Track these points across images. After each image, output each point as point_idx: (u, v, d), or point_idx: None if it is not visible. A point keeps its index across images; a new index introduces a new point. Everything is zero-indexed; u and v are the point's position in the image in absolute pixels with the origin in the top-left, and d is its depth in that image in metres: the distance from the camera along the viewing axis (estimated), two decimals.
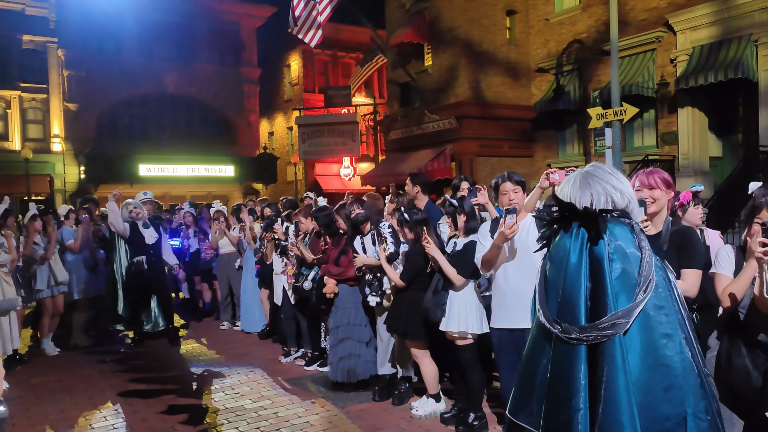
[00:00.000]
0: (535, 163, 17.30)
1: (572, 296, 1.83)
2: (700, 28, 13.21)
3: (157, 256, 7.88)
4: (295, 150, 26.02)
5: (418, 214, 4.84)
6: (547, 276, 1.97)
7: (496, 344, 4.18)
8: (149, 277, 7.71)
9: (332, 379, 5.53)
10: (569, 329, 1.80)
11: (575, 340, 1.78)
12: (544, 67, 16.94)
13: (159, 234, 7.95)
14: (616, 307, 1.77)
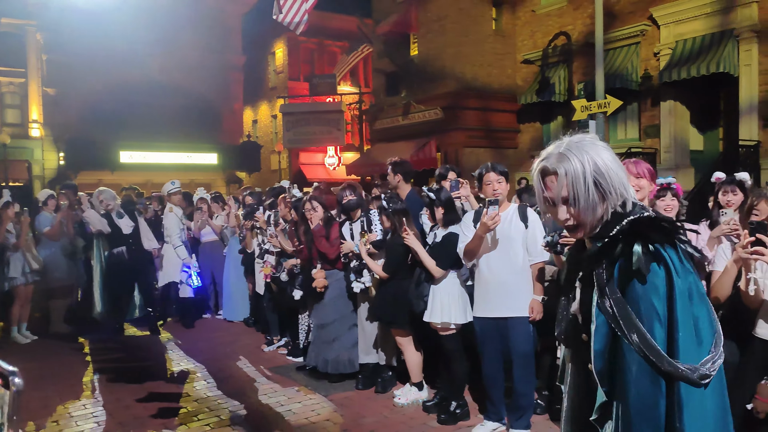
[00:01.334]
0: (520, 155, 17.37)
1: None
2: (683, 22, 13.30)
3: (136, 244, 7.81)
4: (280, 138, 25.88)
5: (398, 203, 4.83)
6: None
7: (478, 333, 4.22)
8: (131, 266, 7.68)
9: (323, 369, 5.50)
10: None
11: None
12: (530, 58, 16.98)
13: (135, 222, 7.86)
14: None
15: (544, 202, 1.62)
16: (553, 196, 1.58)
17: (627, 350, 1.46)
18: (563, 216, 1.58)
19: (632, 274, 1.47)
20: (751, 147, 12.18)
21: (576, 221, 1.58)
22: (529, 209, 4.18)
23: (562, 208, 1.58)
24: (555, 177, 1.57)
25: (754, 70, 12.31)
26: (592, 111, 11.52)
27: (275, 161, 28.23)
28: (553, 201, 1.59)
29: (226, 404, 5.06)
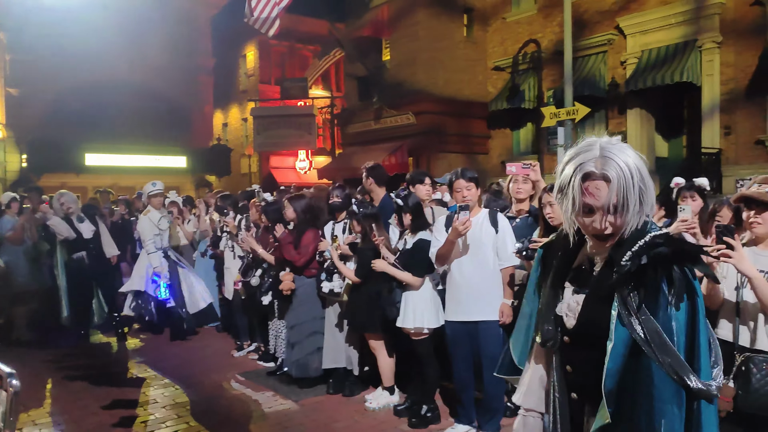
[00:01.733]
0: (491, 160, 17.55)
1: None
2: (648, 32, 13.63)
3: (97, 249, 7.67)
4: (250, 142, 25.67)
5: (368, 208, 4.84)
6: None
7: (450, 336, 4.26)
8: (91, 272, 7.54)
9: (296, 375, 5.45)
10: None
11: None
12: (501, 65, 17.19)
13: (96, 226, 7.71)
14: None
15: (583, 208, 1.50)
16: (596, 203, 1.48)
17: (656, 371, 1.45)
18: (602, 225, 1.50)
19: (665, 298, 1.46)
20: (713, 154, 12.52)
21: (614, 230, 1.51)
22: (500, 214, 4.24)
23: (602, 216, 1.49)
24: (601, 182, 1.49)
25: (716, 79, 12.67)
26: (560, 118, 11.73)
27: (245, 165, 27.97)
28: (592, 208, 1.49)
29: (195, 410, 5.00)
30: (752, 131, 12.16)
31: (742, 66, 12.25)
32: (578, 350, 1.65)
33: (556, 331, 1.67)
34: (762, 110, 12.03)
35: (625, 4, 14.13)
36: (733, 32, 12.36)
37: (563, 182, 1.55)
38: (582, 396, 1.68)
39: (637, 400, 1.47)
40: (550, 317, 1.69)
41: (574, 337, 1.65)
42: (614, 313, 1.51)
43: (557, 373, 1.72)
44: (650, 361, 1.45)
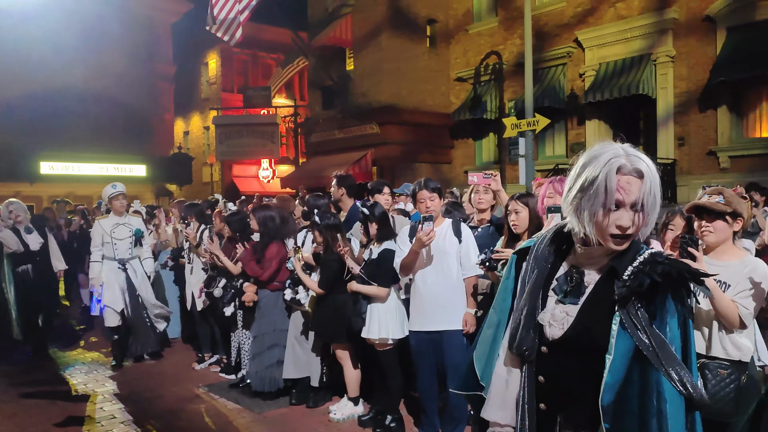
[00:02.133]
0: (454, 170, 17.72)
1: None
2: (606, 45, 14.00)
3: (44, 262, 7.43)
4: (212, 150, 25.38)
5: (330, 219, 4.83)
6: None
7: (414, 346, 4.26)
8: (37, 286, 7.29)
9: (257, 389, 5.37)
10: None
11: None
12: (463, 76, 17.41)
13: (45, 238, 7.46)
14: None
15: (614, 203, 1.47)
16: (627, 197, 1.47)
17: (667, 388, 1.45)
18: (628, 222, 1.48)
19: (666, 313, 1.49)
20: (667, 165, 12.90)
21: (634, 231, 1.50)
22: (463, 224, 4.28)
23: (630, 214, 1.48)
24: (633, 178, 1.48)
25: (670, 92, 13.08)
26: (521, 128, 11.94)
27: (207, 174, 27.62)
28: (621, 203, 1.47)
29: (155, 425, 4.88)
30: (705, 142, 12.58)
31: (694, 79, 12.69)
32: (557, 361, 1.63)
33: (534, 339, 1.65)
34: (713, 122, 12.47)
35: (583, 18, 14.50)
36: (686, 47, 12.80)
37: (588, 179, 1.51)
38: (553, 407, 1.66)
39: (645, 418, 1.46)
40: (531, 325, 1.66)
41: (555, 347, 1.62)
42: (615, 326, 1.50)
43: (528, 382, 1.70)
44: (660, 376, 1.45)
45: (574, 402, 1.59)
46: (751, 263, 2.89)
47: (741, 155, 12.09)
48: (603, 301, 1.55)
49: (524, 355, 1.67)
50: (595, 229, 1.52)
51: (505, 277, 1.84)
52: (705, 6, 12.37)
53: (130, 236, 6.76)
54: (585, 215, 1.52)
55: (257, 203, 7.40)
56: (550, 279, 1.67)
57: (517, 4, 15.65)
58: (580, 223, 1.54)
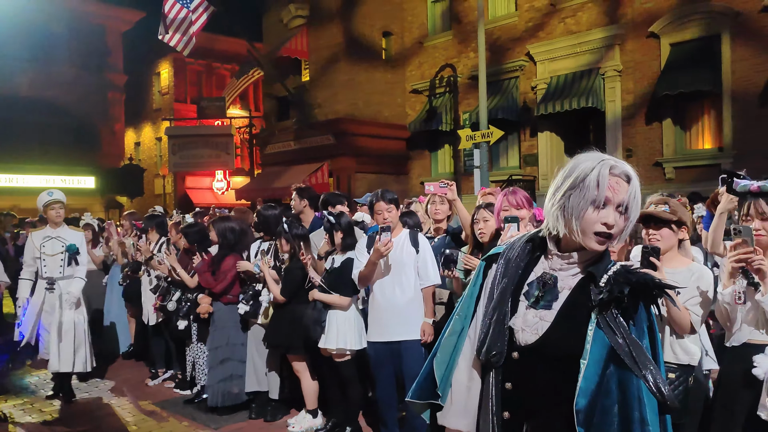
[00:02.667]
0: (410, 181, 17.85)
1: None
2: (557, 59, 14.40)
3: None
4: (164, 162, 24.89)
5: (298, 228, 4.82)
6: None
7: (372, 357, 4.26)
8: None
9: (211, 404, 5.28)
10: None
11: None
12: (418, 88, 17.60)
13: None
14: None
15: (603, 200, 1.53)
16: (615, 197, 1.53)
17: (645, 391, 1.49)
18: (613, 221, 1.53)
19: (641, 321, 1.55)
20: None
21: (616, 233, 1.55)
22: (420, 235, 4.32)
23: (615, 214, 1.53)
24: (621, 180, 1.55)
25: (618, 105, 13.53)
26: (476, 140, 12.14)
27: (159, 185, 27.05)
28: (608, 201, 1.53)
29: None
30: (651, 154, 13.04)
31: (641, 93, 13.15)
32: (528, 367, 1.62)
33: (504, 345, 1.64)
34: (659, 134, 12.94)
35: (534, 32, 14.87)
36: (632, 61, 13.27)
37: (581, 176, 1.56)
38: (518, 415, 1.64)
39: (628, 428, 1.49)
40: (500, 330, 1.65)
41: (527, 353, 1.62)
42: (590, 331, 1.53)
43: (494, 389, 1.67)
44: (640, 383, 1.48)
45: (544, 410, 1.59)
46: (698, 271, 2.99)
47: (685, 166, 12.57)
48: (580, 307, 1.57)
49: (492, 361, 1.65)
50: (580, 226, 1.55)
51: (471, 284, 1.83)
52: (650, 22, 12.87)
53: (62, 252, 5.75)
54: (571, 213, 1.55)
55: (213, 215, 7.28)
56: (520, 285, 1.67)
57: (470, 19, 15.95)
58: (565, 222, 1.57)
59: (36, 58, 23.37)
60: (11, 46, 22.55)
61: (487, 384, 1.70)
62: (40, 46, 23.54)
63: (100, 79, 25.59)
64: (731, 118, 11.90)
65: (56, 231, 5.83)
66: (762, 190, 2.69)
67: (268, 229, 5.29)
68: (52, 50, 23.88)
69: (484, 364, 1.70)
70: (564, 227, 1.58)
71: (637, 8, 13.14)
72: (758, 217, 2.69)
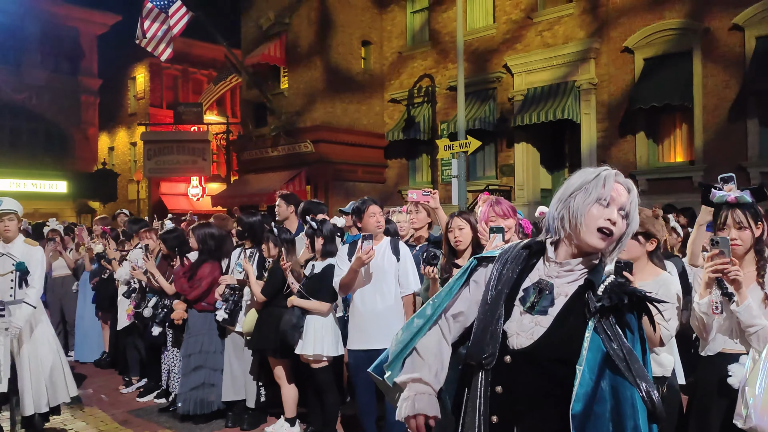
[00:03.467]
0: (388, 189, 17.88)
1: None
2: (533, 72, 14.60)
3: None
4: (139, 167, 24.58)
5: (286, 233, 4.82)
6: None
7: (352, 365, 4.26)
8: None
9: (182, 411, 5.21)
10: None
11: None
12: (397, 98, 17.68)
13: None
14: None
15: (608, 199, 1.63)
16: (617, 198, 1.63)
17: (637, 398, 1.54)
18: (616, 217, 1.62)
19: (634, 330, 1.62)
20: None
21: (616, 233, 1.63)
22: (401, 243, 4.34)
23: (618, 213, 1.63)
24: (622, 188, 1.66)
25: (593, 117, 13.76)
26: (454, 150, 12.24)
27: (133, 191, 26.67)
28: (611, 201, 1.63)
29: None
30: (625, 166, 13.24)
31: (614, 106, 13.41)
32: (520, 371, 1.64)
33: (496, 348, 1.66)
34: (632, 147, 13.19)
35: (511, 44, 15.07)
36: (607, 75, 13.53)
37: (589, 177, 1.67)
38: (507, 419, 1.66)
39: (617, 424, 1.55)
40: (494, 333, 1.67)
41: (520, 357, 1.64)
42: (587, 337, 1.57)
43: (481, 392, 1.69)
44: (634, 391, 1.54)
45: (534, 414, 1.61)
46: (665, 281, 3.01)
47: (657, 178, 12.83)
48: (577, 314, 1.62)
49: (483, 363, 1.68)
50: (584, 222, 1.63)
51: (454, 279, 1.86)
52: (624, 37, 13.14)
53: (11, 272, 4.76)
54: (577, 210, 1.64)
55: (191, 221, 7.22)
56: (515, 290, 1.71)
57: (449, 30, 16.10)
58: (569, 222, 1.65)
59: (7, 61, 22.94)
60: None
61: (475, 386, 1.72)
62: (11, 48, 23.11)
63: (73, 82, 25.22)
64: (702, 131, 12.19)
65: (7, 247, 4.77)
66: (739, 201, 2.76)
67: (254, 236, 5.25)
68: (24, 53, 23.47)
69: (474, 366, 1.72)
70: (568, 227, 1.66)
71: (611, 23, 13.41)
72: (735, 227, 2.75)
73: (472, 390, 1.74)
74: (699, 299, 2.77)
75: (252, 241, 5.27)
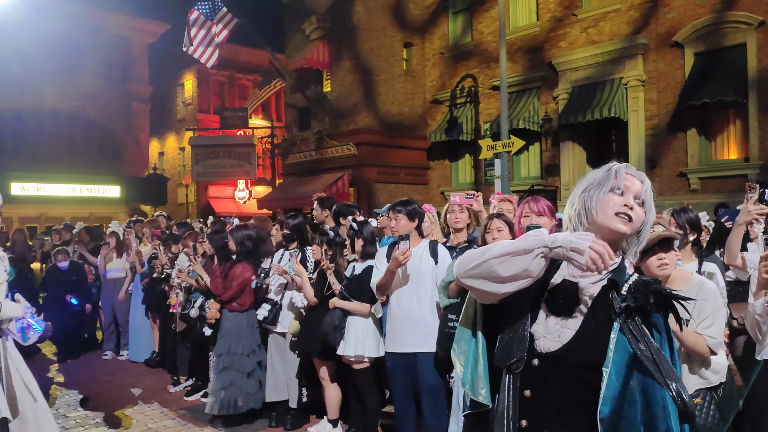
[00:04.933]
0: (430, 191, 17.84)
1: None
2: (578, 69, 14.32)
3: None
4: (188, 171, 25.20)
5: (338, 237, 4.86)
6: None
7: (389, 368, 4.24)
8: None
9: (208, 410, 5.29)
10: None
11: None
12: (439, 98, 17.62)
13: None
14: None
15: (621, 188, 1.64)
16: (631, 187, 1.65)
17: (668, 399, 1.49)
18: (632, 202, 1.63)
19: (661, 330, 1.58)
20: None
21: (634, 221, 1.62)
22: (440, 245, 4.29)
23: (632, 200, 1.64)
24: (636, 180, 1.68)
25: (641, 115, 13.39)
26: (497, 150, 12.10)
27: (183, 195, 27.39)
28: (625, 190, 1.64)
29: None
30: (675, 164, 12.87)
31: (664, 103, 13.01)
32: (549, 374, 1.61)
33: (524, 352, 1.64)
34: (683, 145, 12.78)
35: (556, 42, 14.82)
36: (655, 71, 13.15)
37: (602, 172, 1.70)
38: (537, 424, 1.63)
39: (646, 426, 1.51)
40: (521, 337, 1.65)
41: (548, 361, 1.61)
42: (613, 338, 1.53)
43: (510, 396, 1.67)
44: (664, 391, 1.49)
45: (564, 418, 1.58)
46: (697, 284, 2.86)
47: (710, 177, 12.39)
48: (602, 315, 1.58)
49: (512, 368, 1.66)
50: (601, 211, 1.63)
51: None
52: (673, 32, 12.75)
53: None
54: (593, 203, 1.65)
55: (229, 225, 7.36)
56: (541, 292, 1.68)
57: (491, 29, 15.95)
58: (587, 216, 1.66)
59: (62, 71, 23.87)
60: (38, 59, 23.07)
61: (503, 390, 1.70)
62: (67, 58, 24.03)
63: (125, 90, 26.07)
64: (757, 128, 11.72)
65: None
66: None
67: (301, 237, 5.33)
68: (78, 62, 24.38)
69: (503, 370, 1.71)
70: (586, 221, 1.66)
71: (660, 18, 13.03)
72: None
73: (500, 393, 1.72)
74: (753, 300, 2.66)
75: (300, 243, 5.33)
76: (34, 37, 22.46)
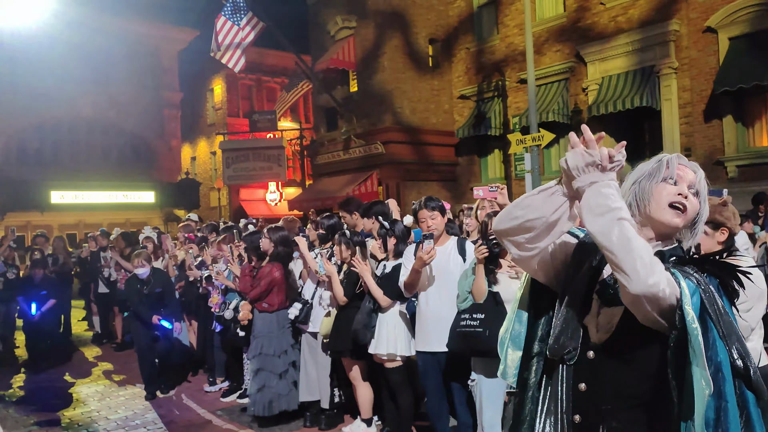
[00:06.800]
0: (459, 187, 17.73)
1: None
2: (608, 59, 14.05)
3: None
4: (219, 175, 25.54)
5: (357, 236, 4.88)
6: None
7: (420, 367, 4.23)
8: None
9: (251, 413, 5.35)
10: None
11: None
12: (466, 94, 17.49)
13: None
14: None
15: (674, 178, 1.59)
16: (684, 175, 1.60)
17: (724, 363, 1.37)
18: (686, 191, 1.58)
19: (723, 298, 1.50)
20: None
21: (689, 211, 1.58)
22: (468, 242, 4.25)
23: (686, 189, 1.59)
24: (688, 169, 1.63)
25: (674, 104, 13.08)
26: (526, 144, 11.96)
27: (215, 198, 27.77)
28: (679, 179, 1.59)
29: None
30: (711, 153, 12.55)
31: (698, 90, 12.68)
32: (604, 367, 1.56)
33: (578, 343, 1.60)
34: (719, 132, 12.44)
35: (583, 32, 14.57)
36: (688, 58, 12.82)
37: (653, 163, 1.65)
38: (591, 419, 1.57)
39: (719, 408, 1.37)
40: (575, 328, 1.61)
41: (602, 352, 1.56)
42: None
43: (563, 391, 1.62)
44: (740, 382, 1.39)
45: (620, 412, 1.53)
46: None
47: (748, 164, 12.04)
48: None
49: (566, 359, 1.61)
50: (654, 201, 1.59)
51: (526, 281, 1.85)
52: (706, 17, 12.41)
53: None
54: (644, 193, 1.60)
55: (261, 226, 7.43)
56: (593, 282, 1.63)
57: (517, 22, 15.77)
58: (638, 207, 1.61)
59: (96, 81, 24.42)
60: (74, 70, 23.65)
61: (555, 383, 1.64)
62: (100, 69, 24.57)
63: (157, 97, 26.55)
64: None
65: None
66: None
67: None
68: (111, 72, 24.90)
69: (556, 361, 1.65)
70: (638, 213, 1.61)
71: (692, 2, 12.70)
72: None
73: (552, 387, 1.66)
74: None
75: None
76: (67, 50, 23.03)
